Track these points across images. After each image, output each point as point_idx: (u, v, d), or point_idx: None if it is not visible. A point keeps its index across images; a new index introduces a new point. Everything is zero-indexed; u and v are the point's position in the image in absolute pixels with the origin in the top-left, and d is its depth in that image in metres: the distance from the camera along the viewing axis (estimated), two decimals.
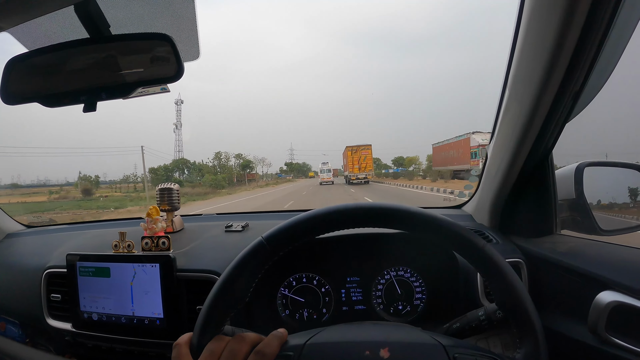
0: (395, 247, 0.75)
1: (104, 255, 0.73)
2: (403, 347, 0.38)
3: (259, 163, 39.11)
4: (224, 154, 33.24)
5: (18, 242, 1.05)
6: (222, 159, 32.77)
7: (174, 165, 32.70)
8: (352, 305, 0.75)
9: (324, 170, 24.90)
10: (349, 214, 0.41)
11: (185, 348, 0.38)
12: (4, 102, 0.55)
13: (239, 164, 35.07)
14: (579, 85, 0.57)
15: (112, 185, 29.51)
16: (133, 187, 27.33)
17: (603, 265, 0.56)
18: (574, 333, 0.56)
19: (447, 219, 0.40)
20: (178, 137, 41.39)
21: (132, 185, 28.27)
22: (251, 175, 35.55)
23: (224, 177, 29.02)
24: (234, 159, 34.42)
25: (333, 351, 0.39)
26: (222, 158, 32.73)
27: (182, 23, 0.58)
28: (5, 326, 0.92)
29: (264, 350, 0.37)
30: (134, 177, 28.66)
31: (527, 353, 0.38)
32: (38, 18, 0.56)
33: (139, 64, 0.54)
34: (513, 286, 0.38)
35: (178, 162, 34.46)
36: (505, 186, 0.73)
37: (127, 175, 28.24)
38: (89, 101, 0.54)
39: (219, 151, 33.30)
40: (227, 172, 30.57)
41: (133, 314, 0.70)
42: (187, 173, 31.68)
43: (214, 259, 0.72)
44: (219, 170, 30.11)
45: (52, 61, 0.55)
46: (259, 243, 0.40)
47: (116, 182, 29.94)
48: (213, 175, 28.21)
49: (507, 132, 0.67)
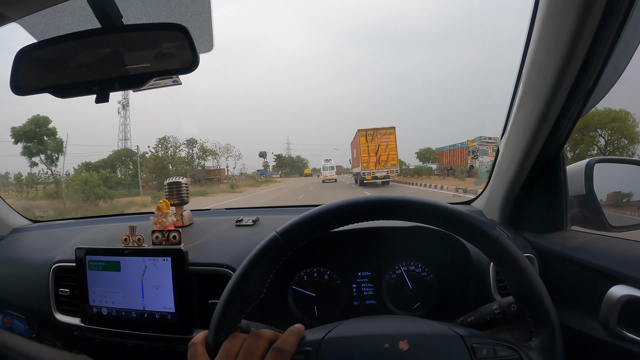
0: (407, 241, 0.75)
1: (113, 249, 0.72)
2: (421, 339, 0.39)
3: (223, 153, 25.86)
4: (172, 140, 22.17)
5: (24, 236, 1.05)
6: (169, 147, 21.93)
7: (114, 158, 22.38)
8: (363, 300, 0.76)
9: (327, 167, 22.08)
10: (363, 206, 0.41)
11: (201, 347, 0.38)
12: (14, 93, 0.54)
13: (197, 155, 23.57)
14: (593, 81, 0.57)
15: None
16: (41, 190, 16.84)
17: (614, 259, 0.57)
18: (586, 328, 0.56)
19: (460, 210, 0.40)
20: (124, 121, 27.81)
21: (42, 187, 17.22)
22: (214, 173, 24.44)
23: (121, 178, 19.82)
24: (185, 146, 22.94)
25: (352, 345, 0.39)
26: (169, 146, 21.93)
27: (196, 14, 0.57)
28: (11, 321, 0.92)
29: (282, 347, 0.37)
30: (46, 175, 17.53)
31: (542, 342, 0.38)
32: (48, 8, 0.55)
33: (152, 54, 0.53)
34: (528, 275, 0.39)
35: (120, 153, 23.42)
36: (516, 181, 0.73)
37: (38, 173, 17.49)
38: (102, 92, 0.53)
39: (165, 136, 22.23)
40: (174, 165, 21.04)
41: (144, 309, 0.69)
42: (132, 168, 21.83)
43: (226, 253, 0.72)
44: (166, 162, 20.88)
45: (63, 52, 0.54)
46: (274, 238, 0.39)
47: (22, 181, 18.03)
48: (107, 172, 17.53)
49: (520, 128, 0.67)
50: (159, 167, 20.72)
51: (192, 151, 23.71)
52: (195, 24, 0.57)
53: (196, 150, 23.76)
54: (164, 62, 0.53)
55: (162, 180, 19.25)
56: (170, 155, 22.18)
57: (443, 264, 0.74)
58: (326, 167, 22.34)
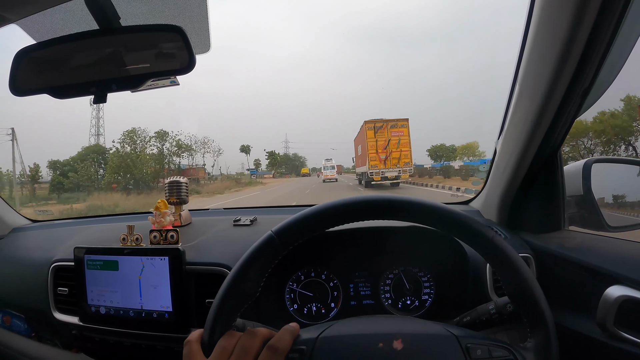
0: (404, 241, 0.75)
1: (112, 248, 0.72)
2: (416, 338, 0.39)
3: (200, 148, 21.92)
4: (140, 134, 18.44)
5: (24, 236, 1.05)
6: (137, 141, 18.24)
7: (83, 156, 18.95)
8: (360, 299, 0.76)
9: (328, 166, 21.77)
10: (359, 206, 0.41)
11: (196, 345, 0.38)
12: (13, 94, 0.55)
13: (169, 151, 19.53)
14: (589, 81, 0.57)
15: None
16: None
17: (612, 260, 0.57)
18: (583, 328, 0.56)
19: (456, 210, 0.41)
20: (97, 114, 24.33)
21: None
22: (191, 172, 20.60)
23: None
24: (155, 140, 18.95)
25: (346, 344, 0.39)
26: (137, 141, 18.26)
27: (192, 15, 0.58)
28: (10, 320, 0.92)
29: (276, 345, 0.37)
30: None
31: (538, 342, 0.38)
32: (47, 10, 0.56)
33: (149, 55, 0.53)
34: (523, 275, 0.39)
35: (89, 150, 20.13)
36: (514, 182, 0.73)
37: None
38: (99, 93, 0.54)
39: (133, 128, 19.04)
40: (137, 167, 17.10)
41: (141, 308, 0.70)
42: (104, 167, 18.73)
43: (223, 253, 0.72)
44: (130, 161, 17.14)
45: (62, 53, 0.54)
46: (269, 237, 0.40)
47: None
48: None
49: (516, 128, 0.67)
50: (123, 165, 16.99)
51: (163, 146, 19.49)
52: (192, 25, 0.58)
53: (168, 145, 19.77)
54: (161, 63, 0.54)
55: (128, 181, 16.25)
56: (135, 152, 17.79)
57: (440, 264, 0.74)
58: (327, 166, 21.91)
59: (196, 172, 21.49)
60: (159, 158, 19.34)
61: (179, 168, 20.37)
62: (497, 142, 0.76)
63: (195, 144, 21.87)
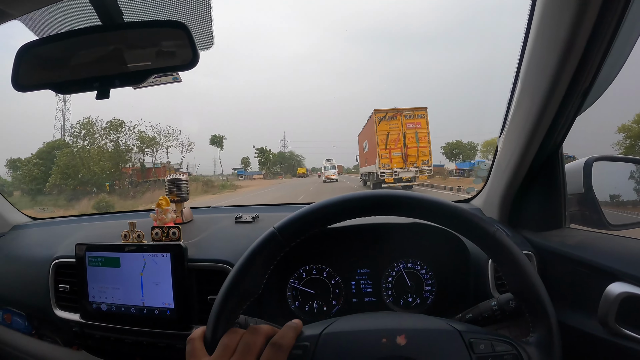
0: (406, 238, 0.76)
1: (113, 245, 0.72)
2: (419, 334, 0.39)
3: (164, 140, 17.14)
4: (97, 125, 15.06)
5: (24, 233, 1.05)
6: (94, 132, 14.78)
7: (42, 154, 15.65)
8: (362, 297, 0.76)
9: (328, 166, 21.31)
10: (361, 202, 0.41)
11: (199, 342, 0.38)
12: (16, 89, 0.55)
13: (126, 145, 15.44)
14: (590, 80, 0.57)
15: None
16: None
17: (613, 257, 0.57)
18: (584, 325, 0.56)
19: (458, 206, 0.41)
20: (63, 105, 20.14)
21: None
22: (156, 172, 16.13)
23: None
24: (111, 130, 15.22)
25: (349, 340, 0.39)
26: (94, 131, 14.78)
27: (195, 11, 0.58)
28: (11, 318, 0.92)
29: (279, 342, 0.37)
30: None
31: (540, 337, 0.38)
32: (50, 6, 0.56)
33: (152, 51, 0.53)
34: (525, 270, 0.39)
35: (50, 146, 16.21)
36: (515, 180, 0.73)
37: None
38: (102, 89, 0.54)
39: (89, 118, 14.99)
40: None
41: (143, 305, 0.70)
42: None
43: (225, 249, 0.72)
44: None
45: (65, 48, 0.54)
46: (271, 234, 0.40)
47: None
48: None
49: (518, 126, 0.68)
50: (71, 165, 13.55)
51: (119, 139, 14.71)
52: (196, 21, 0.58)
53: (125, 139, 15.07)
54: (164, 59, 0.54)
55: (76, 185, 12.52)
56: (87, 147, 13.69)
57: (442, 261, 0.74)
58: (327, 166, 21.52)
59: (162, 172, 15.74)
60: (112, 155, 14.51)
61: (142, 168, 15.32)
62: (499, 140, 0.76)
63: (159, 135, 16.74)
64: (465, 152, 25.71)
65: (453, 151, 25.75)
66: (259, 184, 22.57)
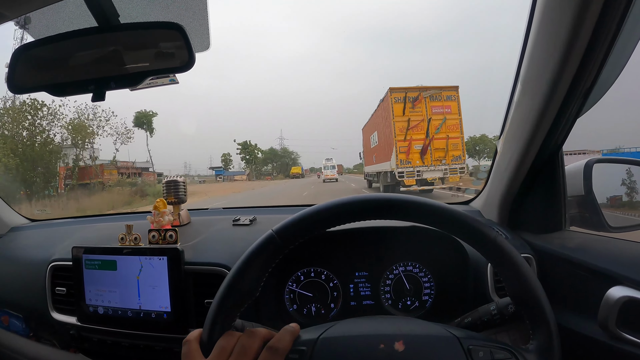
0: (404, 242, 0.75)
1: (110, 248, 0.72)
2: (417, 340, 0.38)
3: (99, 125, 11.56)
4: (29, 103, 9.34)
5: (22, 235, 1.05)
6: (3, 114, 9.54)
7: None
8: (361, 300, 0.75)
9: (328, 166, 20.95)
10: (360, 205, 0.40)
11: (195, 344, 0.38)
12: (11, 91, 0.55)
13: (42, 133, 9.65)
14: (591, 81, 0.57)
15: None
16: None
17: (613, 260, 0.56)
18: (584, 329, 0.56)
19: (458, 210, 0.40)
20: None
21: None
22: (89, 172, 11.73)
23: None
24: (27, 113, 9.43)
25: (347, 345, 0.39)
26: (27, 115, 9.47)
27: (192, 12, 0.57)
28: (8, 320, 0.92)
29: (276, 346, 0.37)
30: None
31: (540, 344, 0.38)
32: (45, 7, 0.55)
33: (149, 53, 0.53)
34: (525, 276, 0.38)
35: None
36: (515, 182, 0.73)
37: None
38: (97, 91, 0.53)
39: (25, 100, 8.88)
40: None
41: (140, 308, 0.69)
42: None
43: (222, 253, 0.72)
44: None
45: (60, 50, 0.54)
46: (270, 236, 0.39)
47: None
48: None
49: (518, 128, 0.67)
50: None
51: (40, 125, 10.13)
52: (192, 22, 0.57)
53: (46, 125, 10.18)
54: (160, 61, 0.53)
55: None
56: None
57: (441, 265, 0.74)
58: (327, 166, 21.24)
59: (98, 172, 12.13)
60: (24, 148, 9.79)
61: (75, 167, 11.38)
62: (498, 141, 0.76)
63: (88, 119, 11.72)
64: (492, 148, 23.00)
65: (476, 147, 20.76)
66: (231, 188, 16.97)
